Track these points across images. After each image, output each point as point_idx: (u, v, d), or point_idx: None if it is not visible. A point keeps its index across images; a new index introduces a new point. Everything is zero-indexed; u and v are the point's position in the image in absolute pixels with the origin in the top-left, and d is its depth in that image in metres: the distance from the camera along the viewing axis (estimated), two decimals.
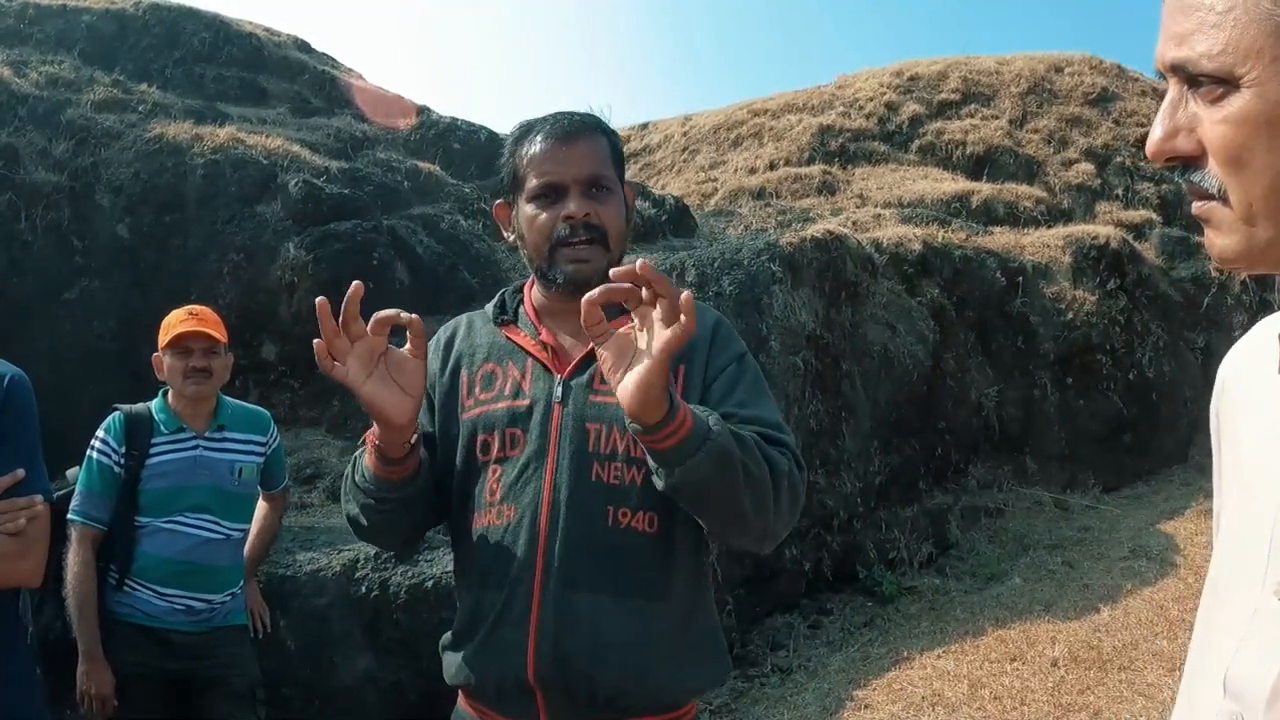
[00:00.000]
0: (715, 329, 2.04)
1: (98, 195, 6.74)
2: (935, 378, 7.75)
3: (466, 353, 2.12)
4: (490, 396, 2.03)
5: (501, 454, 1.98)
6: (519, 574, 1.91)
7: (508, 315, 2.12)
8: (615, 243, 2.01)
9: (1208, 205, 1.00)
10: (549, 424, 1.95)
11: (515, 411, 1.99)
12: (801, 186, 11.54)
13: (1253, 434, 1.08)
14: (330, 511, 5.45)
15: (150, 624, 3.53)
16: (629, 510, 1.91)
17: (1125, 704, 4.78)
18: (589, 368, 1.96)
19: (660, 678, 1.92)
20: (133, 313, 6.28)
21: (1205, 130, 0.97)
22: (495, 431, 1.99)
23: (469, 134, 9.22)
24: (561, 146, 1.99)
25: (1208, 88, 0.95)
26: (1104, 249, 9.45)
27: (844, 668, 5.54)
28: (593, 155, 2.01)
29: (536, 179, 2.00)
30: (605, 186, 2.00)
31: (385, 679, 4.58)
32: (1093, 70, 14.06)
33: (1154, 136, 1.01)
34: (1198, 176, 0.99)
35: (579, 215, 1.96)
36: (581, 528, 1.90)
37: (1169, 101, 1.00)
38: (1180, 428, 9.39)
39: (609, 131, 2.09)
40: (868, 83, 14.03)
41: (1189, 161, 1.00)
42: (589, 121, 2.06)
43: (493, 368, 2.06)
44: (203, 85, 8.78)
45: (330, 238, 6.69)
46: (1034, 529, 7.60)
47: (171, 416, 3.63)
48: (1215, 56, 0.93)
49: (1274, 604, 0.98)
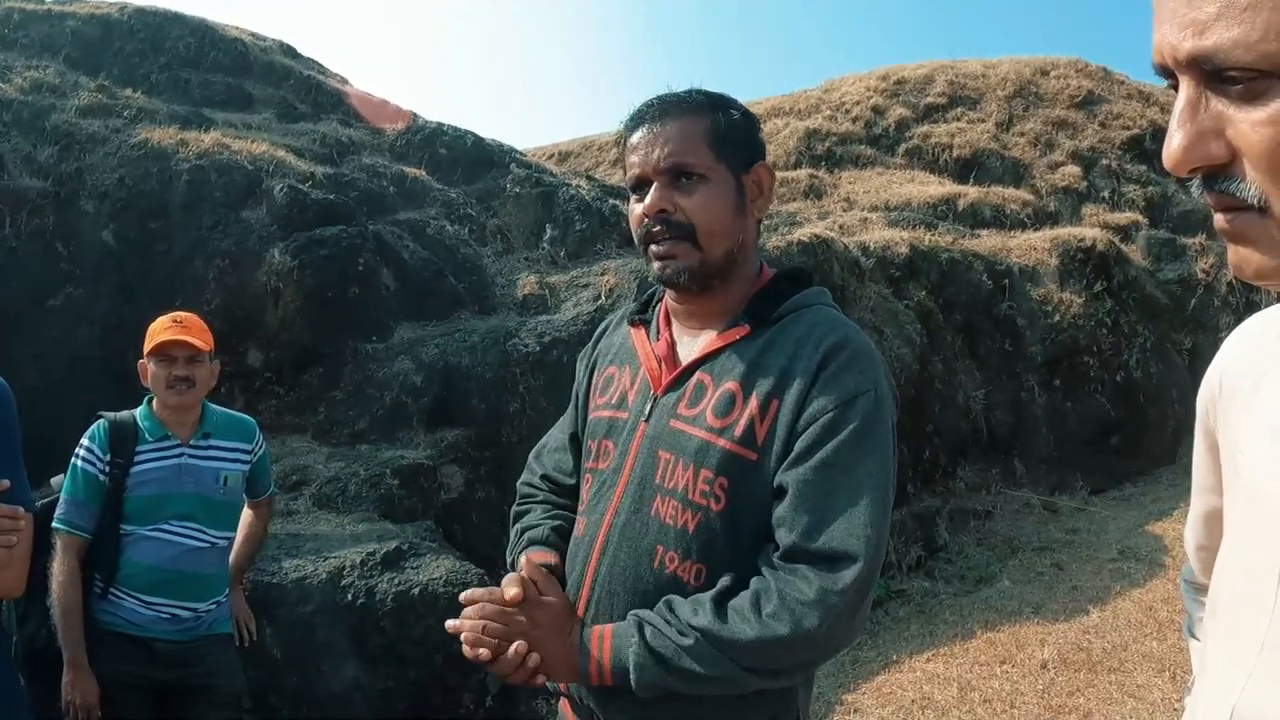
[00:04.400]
0: (829, 354, 1.69)
1: (82, 201, 6.71)
2: (923, 381, 7.75)
3: (604, 352, 2.01)
4: (604, 401, 1.91)
5: (594, 464, 1.88)
6: (574, 590, 1.83)
7: (644, 314, 1.96)
8: (708, 237, 1.75)
9: (1242, 218, 0.85)
10: (631, 443, 1.80)
11: (614, 423, 1.86)
12: (788, 190, 11.55)
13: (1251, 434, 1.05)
14: (316, 518, 5.42)
15: (135, 633, 3.50)
16: (676, 556, 1.72)
17: (1115, 705, 4.78)
18: (681, 386, 1.78)
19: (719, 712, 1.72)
20: (118, 319, 6.24)
21: (1241, 133, 0.82)
22: (596, 439, 1.89)
23: (455, 139, 9.19)
24: (644, 133, 1.79)
25: (1242, 84, 0.80)
26: (1090, 251, 9.48)
27: (833, 671, 5.54)
28: (677, 140, 1.75)
29: (629, 171, 1.82)
30: (693, 174, 1.75)
31: (372, 687, 4.55)
32: (1079, 73, 14.11)
33: (1175, 145, 0.85)
34: (1231, 186, 0.84)
35: (653, 211, 1.76)
36: (627, 561, 1.76)
37: (1186, 102, 0.84)
38: (1167, 429, 9.42)
39: (711, 108, 1.80)
40: (854, 87, 14.07)
41: (1216, 169, 0.85)
42: (679, 99, 1.81)
43: (614, 371, 1.93)
44: (188, 90, 8.75)
45: (316, 243, 6.67)
46: (1022, 531, 7.62)
47: (156, 424, 3.60)
48: (1254, 45, 0.77)
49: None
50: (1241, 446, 1.07)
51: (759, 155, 1.84)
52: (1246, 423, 1.07)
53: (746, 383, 1.70)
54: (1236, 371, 1.13)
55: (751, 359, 1.72)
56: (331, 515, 5.41)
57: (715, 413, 1.71)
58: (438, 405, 6.01)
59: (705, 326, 1.83)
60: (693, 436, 1.70)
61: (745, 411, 1.69)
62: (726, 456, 1.67)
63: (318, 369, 6.58)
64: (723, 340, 1.76)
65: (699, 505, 1.69)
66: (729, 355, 1.75)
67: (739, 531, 1.69)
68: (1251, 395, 1.08)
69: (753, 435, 1.68)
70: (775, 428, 1.67)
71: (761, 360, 1.72)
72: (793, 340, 1.72)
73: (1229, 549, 1.07)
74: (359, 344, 6.57)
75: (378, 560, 4.72)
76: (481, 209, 8.41)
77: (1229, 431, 1.12)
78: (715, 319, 1.81)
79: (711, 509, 1.68)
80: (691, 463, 1.70)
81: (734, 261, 1.80)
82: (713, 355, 1.77)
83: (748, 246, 1.83)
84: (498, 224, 8.30)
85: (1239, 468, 1.06)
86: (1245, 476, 1.04)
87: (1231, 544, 1.07)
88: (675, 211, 1.74)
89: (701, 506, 1.69)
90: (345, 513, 5.46)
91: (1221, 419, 1.14)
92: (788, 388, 1.67)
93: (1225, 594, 1.06)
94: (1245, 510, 1.04)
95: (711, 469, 1.68)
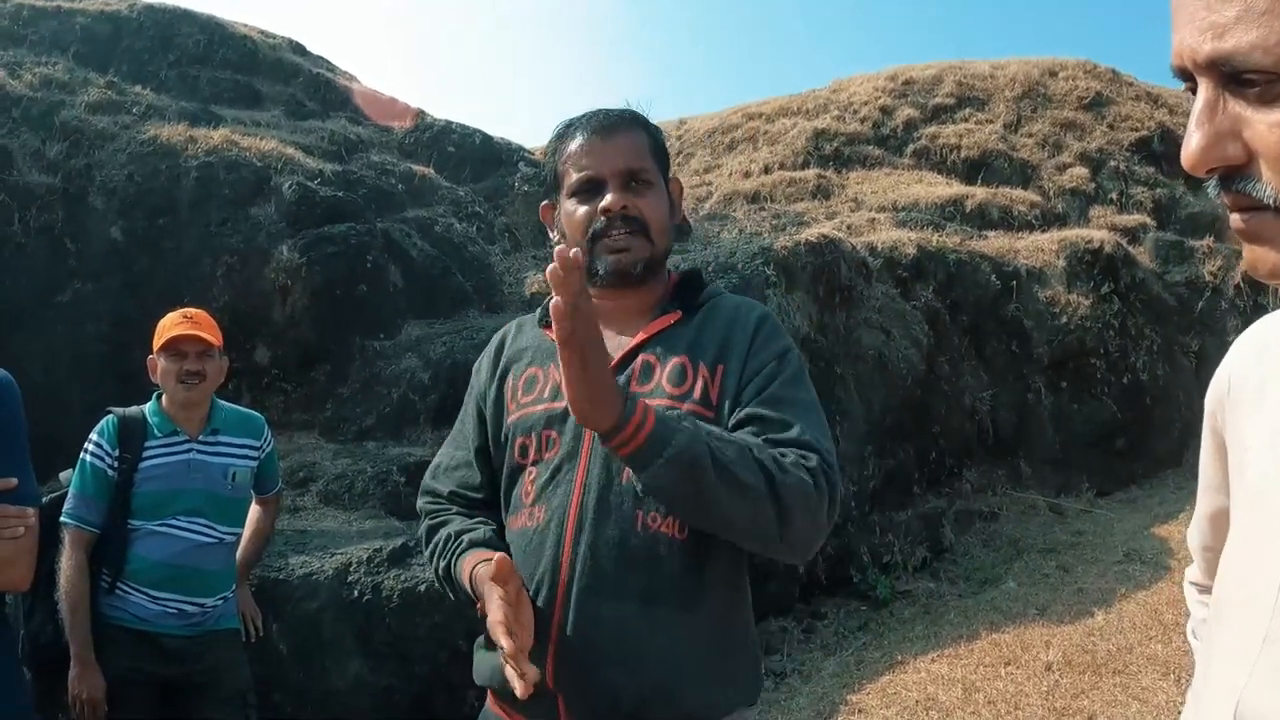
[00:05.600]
0: (758, 324, 1.97)
1: (91, 197, 6.72)
2: (929, 382, 7.75)
3: (514, 358, 2.10)
4: (530, 399, 2.00)
5: (538, 456, 1.95)
6: (543, 577, 1.87)
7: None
8: (658, 235, 1.98)
9: (1260, 218, 0.87)
10: (582, 426, 1.84)
11: (552, 414, 1.95)
12: (796, 190, 11.54)
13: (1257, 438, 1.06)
14: (323, 515, 5.43)
15: (142, 628, 3.51)
16: (658, 515, 1.84)
17: (1120, 708, 4.77)
18: (626, 369, 1.93)
19: (688, 693, 1.84)
20: (126, 315, 6.26)
21: (1258, 134, 0.84)
22: (533, 434, 1.96)
23: (463, 137, 9.21)
24: (599, 141, 1.97)
25: (1261, 86, 0.82)
26: (1098, 253, 9.47)
27: (838, 672, 5.54)
28: (631, 148, 1.98)
29: (576, 174, 1.98)
30: (644, 179, 1.97)
31: (377, 683, 4.56)
32: (1087, 75, 14.09)
33: (1194, 146, 0.87)
34: (1248, 186, 0.86)
35: (615, 208, 1.93)
36: (609, 532, 1.85)
37: (1204, 104, 0.86)
38: (1174, 432, 9.40)
39: (649, 125, 2.06)
40: (862, 87, 14.05)
41: (1233, 170, 0.87)
42: (627, 115, 2.03)
43: (535, 371, 2.03)
44: (197, 87, 8.77)
45: (324, 240, 6.68)
46: (1028, 533, 7.61)
47: (165, 420, 3.61)
48: (1271, 48, 0.80)
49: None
50: (1249, 446, 1.08)
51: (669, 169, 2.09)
52: (1252, 426, 1.08)
53: (693, 355, 1.91)
54: (1243, 374, 1.14)
55: (691, 336, 1.94)
56: (338, 512, 5.43)
57: (671, 382, 1.89)
58: (445, 403, 6.01)
59: (627, 320, 2.00)
60: (656, 405, 1.77)
61: (698, 378, 1.89)
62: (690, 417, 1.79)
63: (325, 366, 6.60)
64: (659, 324, 1.96)
65: None
66: (668, 336, 1.95)
67: None
68: (1257, 399, 1.09)
69: (708, 397, 1.88)
70: (724, 388, 1.89)
71: (701, 336, 1.94)
72: (724, 318, 1.97)
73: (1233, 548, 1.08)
74: (366, 341, 6.59)
75: (384, 557, 4.73)
76: (489, 207, 8.43)
77: (1236, 433, 1.12)
78: (637, 314, 2.00)
79: None
80: None
81: (664, 259, 2.03)
82: (652, 339, 1.95)
83: (669, 248, 2.06)
84: (505, 222, 8.31)
85: (1244, 467, 1.07)
86: (1250, 477, 1.05)
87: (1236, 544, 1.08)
88: (631, 209, 1.94)
89: None
90: (352, 509, 5.47)
91: (1229, 421, 1.15)
92: (731, 354, 1.91)
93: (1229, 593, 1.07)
94: (1250, 510, 1.05)
95: None
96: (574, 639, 1.82)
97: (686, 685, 1.83)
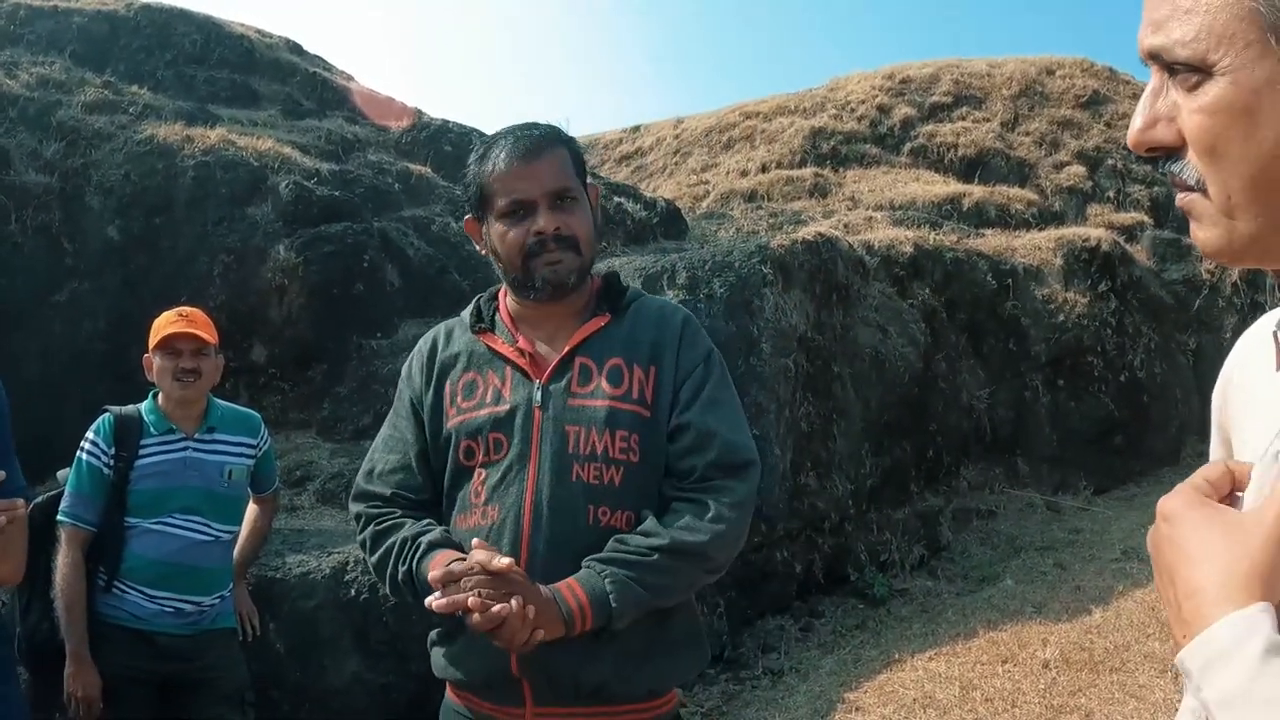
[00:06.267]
0: (683, 327, 2.14)
1: (88, 197, 6.72)
2: (926, 380, 7.75)
3: (448, 363, 2.19)
4: (472, 404, 2.11)
5: (486, 458, 2.07)
6: None
7: (484, 323, 2.20)
8: (586, 246, 2.12)
9: (1190, 197, 0.96)
10: (530, 428, 2.05)
11: (497, 417, 2.07)
12: (793, 189, 11.54)
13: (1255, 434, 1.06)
14: (320, 514, 5.44)
15: (139, 626, 3.52)
16: (609, 509, 2.01)
17: (1117, 706, 4.77)
18: (566, 372, 2.08)
19: (643, 672, 2.02)
20: (123, 314, 6.26)
21: (1183, 119, 0.93)
22: (479, 437, 2.08)
23: (460, 136, 9.20)
24: (525, 164, 2.08)
25: (1184, 75, 0.92)
26: (1095, 251, 9.46)
27: (835, 670, 5.54)
28: (555, 169, 2.10)
29: (504, 198, 2.09)
30: (570, 197, 2.10)
31: (374, 681, 4.56)
32: (1084, 73, 14.08)
33: (1134, 126, 0.98)
34: (1178, 167, 0.96)
35: (549, 230, 2.06)
36: (562, 527, 1.99)
37: (1150, 90, 0.97)
38: (1171, 429, 9.41)
39: (567, 140, 2.18)
40: (859, 85, 14.04)
41: (1170, 152, 0.96)
42: (548, 135, 2.14)
43: (473, 376, 2.15)
44: (194, 87, 8.76)
45: (321, 240, 6.68)
46: (1025, 531, 7.61)
47: (161, 418, 3.62)
48: (1189, 43, 0.90)
49: None
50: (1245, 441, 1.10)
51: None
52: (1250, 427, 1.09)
53: (628, 356, 2.08)
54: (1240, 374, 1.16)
55: (623, 337, 2.10)
56: (335, 511, 5.42)
57: (610, 383, 2.05)
58: None
59: (559, 325, 2.15)
60: (599, 407, 2.03)
61: (634, 378, 2.07)
62: (631, 416, 2.04)
63: (322, 365, 6.60)
64: (591, 328, 2.10)
65: (620, 460, 2.02)
66: (601, 338, 2.10)
67: (652, 475, 2.05)
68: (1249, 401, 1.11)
69: (644, 396, 2.06)
70: (660, 386, 2.07)
71: (633, 337, 2.10)
72: (651, 321, 2.14)
73: None
74: (363, 340, 6.58)
75: None
76: None
77: (1238, 429, 1.14)
78: (567, 318, 2.14)
79: (631, 461, 2.03)
80: (605, 428, 2.02)
81: (590, 266, 2.18)
82: (585, 342, 2.09)
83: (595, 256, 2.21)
84: None
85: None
86: None
87: None
88: (564, 228, 2.08)
89: (622, 461, 2.02)
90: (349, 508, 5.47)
91: (1232, 416, 1.16)
92: (663, 356, 2.09)
93: None
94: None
95: (625, 428, 2.03)
96: None
97: (641, 665, 2.00)
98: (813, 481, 6.49)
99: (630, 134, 15.49)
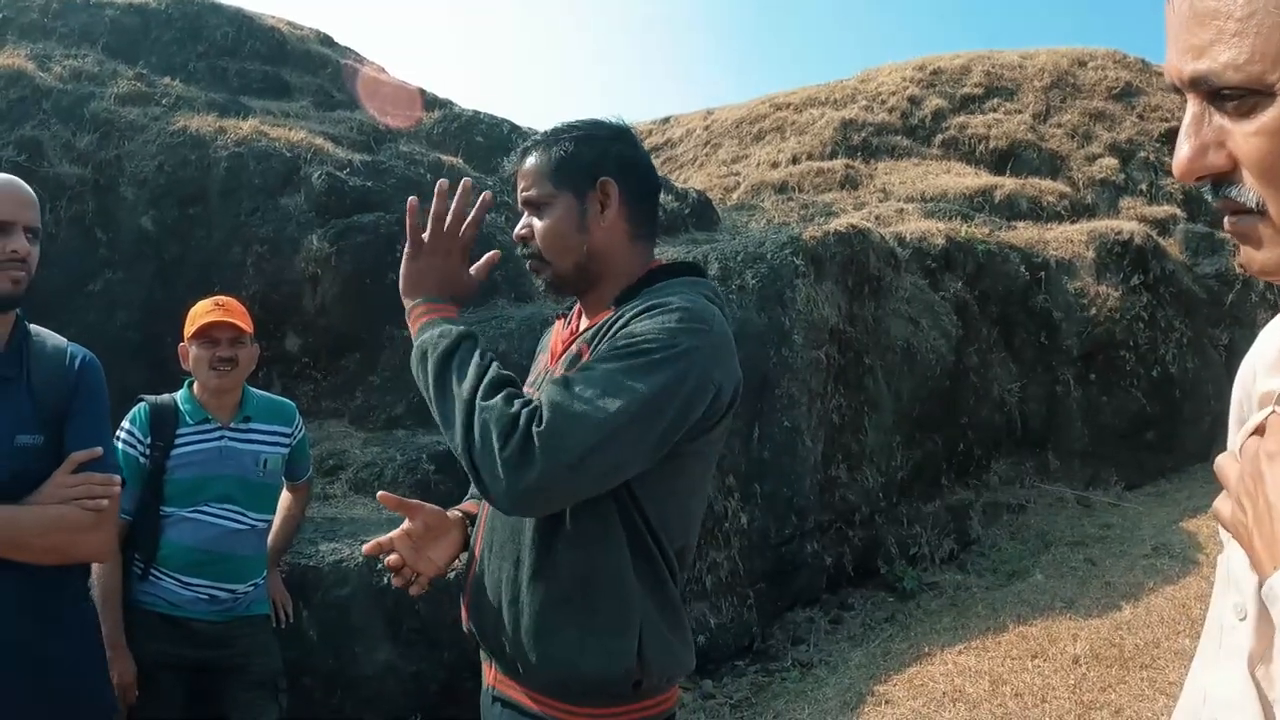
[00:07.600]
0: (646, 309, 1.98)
1: (121, 188, 6.76)
2: (958, 373, 7.73)
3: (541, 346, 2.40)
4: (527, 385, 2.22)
5: None
6: (473, 540, 2.22)
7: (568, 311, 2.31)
8: (551, 254, 2.13)
9: (1245, 220, 0.96)
10: None
11: None
12: (824, 181, 11.52)
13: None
14: (353, 502, 5.46)
15: (173, 613, 3.55)
16: None
17: (1147, 702, 4.76)
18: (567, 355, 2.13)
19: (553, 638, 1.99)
20: (156, 304, 6.31)
21: (1238, 143, 0.92)
22: None
23: (492, 127, 9.22)
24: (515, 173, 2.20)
25: (1238, 100, 0.91)
26: (1128, 244, 9.41)
27: (865, 662, 5.54)
28: (527, 177, 2.16)
29: None
30: (537, 203, 2.14)
31: (406, 669, 4.59)
32: (1116, 65, 13.99)
33: (1181, 156, 0.96)
34: (1233, 191, 0.95)
35: (515, 238, 2.19)
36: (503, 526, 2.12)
37: (1191, 117, 0.96)
38: (1203, 425, 9.35)
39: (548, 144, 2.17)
40: (890, 77, 13.99)
41: (1221, 177, 0.96)
42: (533, 142, 2.21)
43: (539, 358, 2.34)
44: (226, 79, 8.80)
45: (353, 230, 6.71)
46: (1056, 526, 7.58)
47: (197, 407, 3.64)
48: (1242, 66, 0.89)
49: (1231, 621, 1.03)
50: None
51: (605, 171, 2.13)
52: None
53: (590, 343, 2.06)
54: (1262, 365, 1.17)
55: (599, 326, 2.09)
56: (368, 499, 5.45)
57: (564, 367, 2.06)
58: None
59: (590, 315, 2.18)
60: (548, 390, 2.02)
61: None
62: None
63: (355, 354, 6.63)
64: (594, 320, 2.12)
65: None
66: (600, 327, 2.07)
67: None
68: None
69: None
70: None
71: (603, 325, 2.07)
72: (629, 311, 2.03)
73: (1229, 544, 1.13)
74: (396, 330, 6.60)
75: None
76: None
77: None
78: (594, 310, 2.17)
79: None
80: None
81: (587, 268, 2.13)
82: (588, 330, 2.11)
83: (606, 253, 2.13)
84: None
85: None
86: None
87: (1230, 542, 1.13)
88: (531, 237, 2.14)
89: None
90: None
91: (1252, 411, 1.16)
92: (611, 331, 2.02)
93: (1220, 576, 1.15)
94: None
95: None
96: (474, 591, 2.16)
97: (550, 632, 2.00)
98: (843, 474, 6.49)
99: (660, 125, 15.49)
